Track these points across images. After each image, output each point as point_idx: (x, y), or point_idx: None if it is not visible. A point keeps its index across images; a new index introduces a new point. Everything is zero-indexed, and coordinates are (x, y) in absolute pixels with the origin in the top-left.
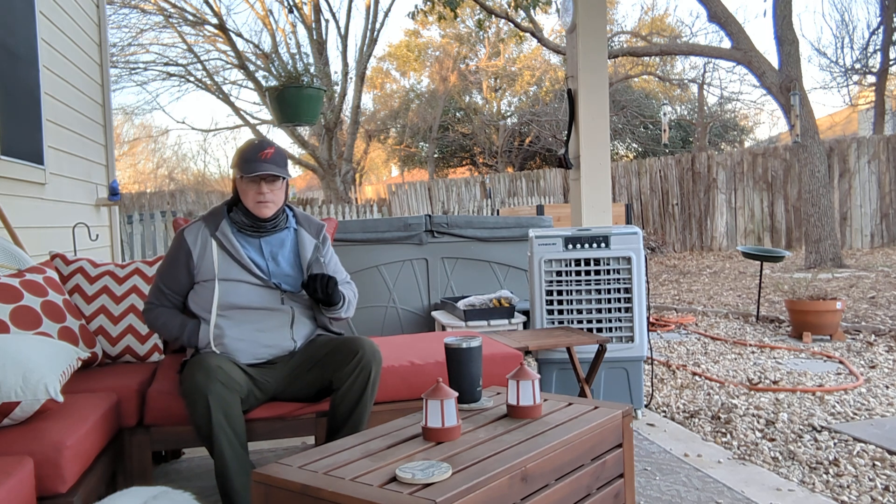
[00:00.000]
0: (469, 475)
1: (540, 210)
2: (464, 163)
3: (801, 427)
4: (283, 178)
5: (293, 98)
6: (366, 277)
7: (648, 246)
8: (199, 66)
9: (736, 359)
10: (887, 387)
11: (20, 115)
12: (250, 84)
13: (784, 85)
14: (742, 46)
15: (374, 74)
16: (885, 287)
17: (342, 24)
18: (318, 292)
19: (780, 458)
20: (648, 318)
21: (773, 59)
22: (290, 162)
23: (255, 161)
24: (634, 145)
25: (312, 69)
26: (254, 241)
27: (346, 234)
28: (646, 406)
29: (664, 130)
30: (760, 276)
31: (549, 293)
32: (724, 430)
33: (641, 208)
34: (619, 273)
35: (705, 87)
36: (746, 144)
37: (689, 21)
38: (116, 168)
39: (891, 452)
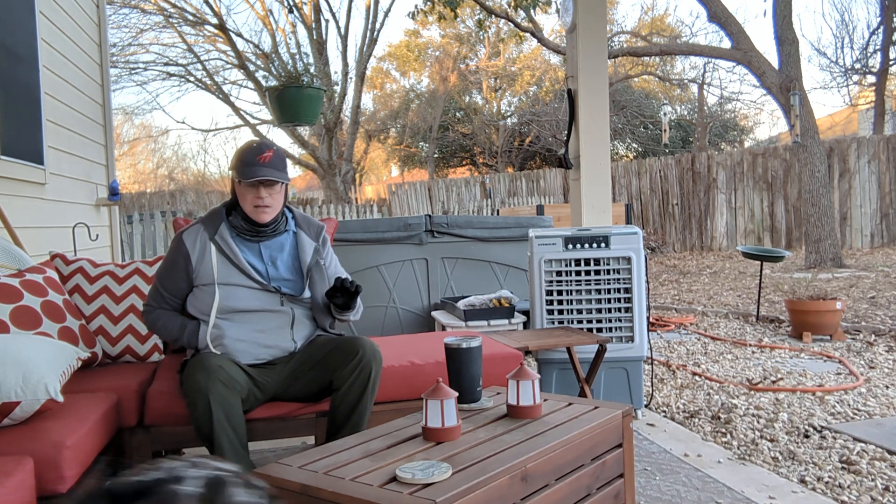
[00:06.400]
0: (469, 475)
1: (540, 210)
2: (464, 163)
3: (801, 427)
4: (283, 182)
5: (293, 98)
6: (366, 277)
7: (648, 246)
8: (199, 66)
9: (736, 359)
10: (887, 387)
11: (20, 115)
12: (250, 84)
13: (784, 85)
14: (742, 46)
15: (374, 74)
16: (885, 287)
17: (342, 24)
18: (339, 298)
19: (780, 458)
20: (648, 318)
21: (773, 59)
22: (289, 162)
23: (254, 165)
24: (634, 145)
25: (312, 69)
26: (253, 245)
27: (346, 234)
28: (646, 406)
29: (664, 130)
30: (760, 276)
31: (549, 293)
32: (724, 430)
33: (641, 208)
34: (619, 273)
35: (705, 87)
36: (746, 144)
37: (689, 21)
38: (116, 168)
39: (891, 452)
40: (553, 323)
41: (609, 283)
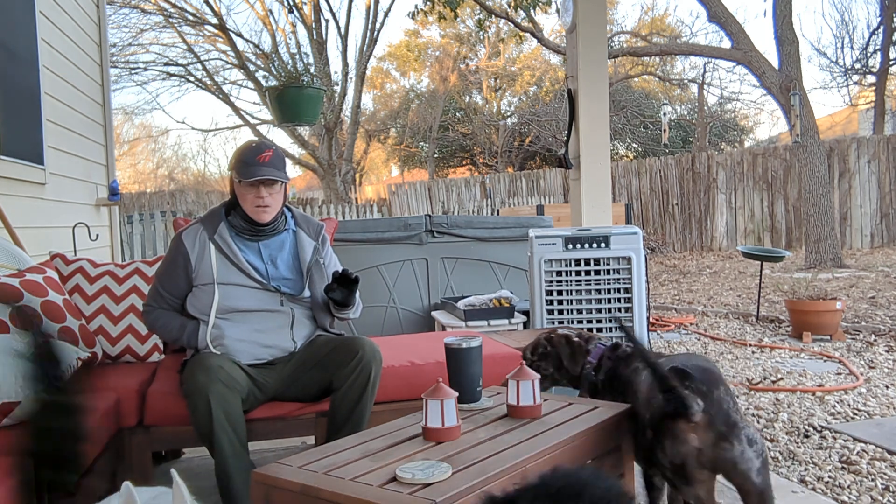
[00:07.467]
0: (469, 475)
1: (540, 210)
2: (464, 163)
3: (801, 427)
4: (282, 182)
5: (293, 98)
6: (366, 277)
7: (648, 246)
8: (199, 66)
9: (736, 359)
10: (887, 387)
11: (20, 115)
12: (250, 84)
13: (784, 85)
14: (742, 46)
15: (374, 74)
16: (885, 287)
17: (342, 24)
18: (337, 292)
19: (780, 458)
20: (648, 319)
21: (773, 59)
22: (289, 162)
23: (253, 165)
24: (634, 145)
25: (312, 69)
26: (252, 244)
27: (346, 234)
28: None
29: (664, 130)
30: (760, 276)
31: (549, 293)
32: None
33: (641, 208)
34: (619, 273)
35: (705, 87)
36: (746, 144)
37: (689, 21)
38: (116, 168)
39: (891, 452)
40: (553, 323)
41: (609, 283)
